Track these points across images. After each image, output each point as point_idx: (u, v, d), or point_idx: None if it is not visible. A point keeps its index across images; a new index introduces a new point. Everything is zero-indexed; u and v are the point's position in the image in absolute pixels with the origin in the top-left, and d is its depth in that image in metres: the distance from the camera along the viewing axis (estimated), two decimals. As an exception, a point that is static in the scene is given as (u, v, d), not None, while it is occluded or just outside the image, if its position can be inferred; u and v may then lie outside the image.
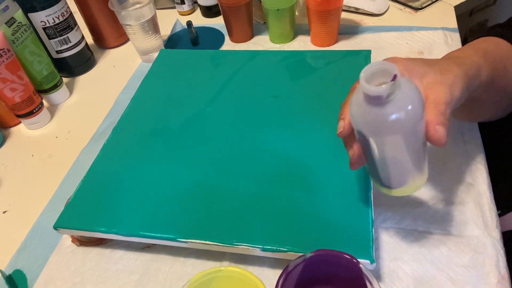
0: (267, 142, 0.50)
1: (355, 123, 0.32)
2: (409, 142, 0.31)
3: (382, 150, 0.32)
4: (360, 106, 0.30)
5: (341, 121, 0.35)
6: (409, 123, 0.30)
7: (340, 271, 0.34)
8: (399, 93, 0.29)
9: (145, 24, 0.69)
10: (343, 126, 0.34)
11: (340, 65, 0.59)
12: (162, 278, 0.43)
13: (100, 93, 0.71)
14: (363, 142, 0.33)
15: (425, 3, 0.75)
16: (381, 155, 0.33)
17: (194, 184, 0.47)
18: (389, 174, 0.34)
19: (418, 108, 0.29)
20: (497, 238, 0.41)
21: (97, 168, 0.51)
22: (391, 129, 0.30)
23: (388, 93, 0.28)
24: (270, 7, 0.67)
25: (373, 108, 0.29)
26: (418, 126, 0.30)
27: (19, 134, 0.66)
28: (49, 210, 0.53)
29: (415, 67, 0.35)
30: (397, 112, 0.29)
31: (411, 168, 0.34)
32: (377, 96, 0.28)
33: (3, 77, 0.59)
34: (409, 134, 0.31)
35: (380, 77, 0.30)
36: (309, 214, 0.42)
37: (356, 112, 0.31)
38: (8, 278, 0.46)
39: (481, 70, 0.38)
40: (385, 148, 0.32)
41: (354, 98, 0.32)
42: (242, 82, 0.59)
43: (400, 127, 0.30)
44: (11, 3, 0.61)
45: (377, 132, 0.31)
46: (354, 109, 0.31)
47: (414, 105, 0.29)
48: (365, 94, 0.29)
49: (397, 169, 0.34)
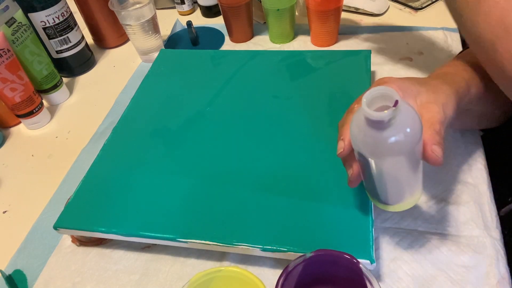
0: (267, 142, 0.50)
1: (355, 145, 0.33)
2: (408, 162, 0.32)
3: (381, 170, 0.33)
4: (361, 128, 0.31)
5: (340, 141, 0.35)
6: (409, 145, 0.31)
7: (340, 271, 0.34)
8: (399, 117, 0.29)
9: (145, 24, 0.69)
10: (343, 147, 0.35)
11: (340, 65, 0.59)
12: (162, 278, 0.43)
13: (100, 93, 0.71)
14: (363, 162, 0.34)
15: (425, 3, 0.75)
16: (380, 175, 0.34)
17: (194, 184, 0.47)
18: (387, 192, 0.35)
19: (417, 130, 0.31)
20: (497, 238, 0.41)
21: (97, 168, 0.51)
22: (391, 151, 0.31)
23: (390, 118, 0.29)
24: (270, 7, 0.67)
25: (374, 131, 0.30)
26: (417, 147, 0.31)
27: (19, 134, 0.66)
28: (49, 210, 0.53)
29: (409, 86, 0.36)
30: (398, 135, 0.30)
31: (409, 186, 0.35)
32: (379, 121, 0.29)
33: (3, 77, 0.59)
34: (408, 156, 0.32)
35: (380, 101, 0.30)
36: (309, 214, 0.42)
37: (357, 134, 0.32)
38: (8, 278, 0.46)
39: (471, 87, 0.39)
40: (385, 168, 0.33)
41: (354, 121, 0.32)
42: (242, 82, 0.59)
43: (400, 149, 0.31)
44: (11, 3, 0.61)
45: (378, 154, 0.32)
46: (354, 131, 0.32)
47: (414, 127, 0.30)
48: (367, 118, 0.30)
49: (395, 187, 0.35)
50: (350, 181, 0.37)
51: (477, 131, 0.51)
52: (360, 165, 0.35)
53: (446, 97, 0.36)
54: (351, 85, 0.55)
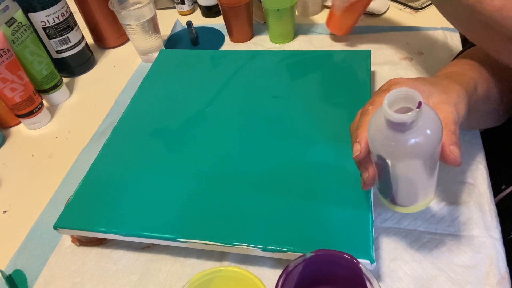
0: (267, 142, 0.50)
1: (374, 147, 0.32)
2: (427, 164, 0.32)
3: (399, 172, 0.33)
4: (380, 131, 0.31)
5: (356, 144, 0.35)
6: (430, 148, 0.30)
7: (340, 271, 0.34)
8: (421, 119, 0.29)
9: (145, 24, 0.69)
10: (360, 149, 0.34)
11: (340, 65, 0.59)
12: (162, 278, 0.43)
13: (100, 93, 0.71)
14: (381, 164, 0.33)
15: (425, 3, 0.74)
16: (397, 177, 0.33)
17: (194, 184, 0.47)
18: (401, 194, 0.35)
19: (438, 132, 0.30)
20: (497, 238, 0.41)
21: (97, 168, 0.51)
22: (412, 154, 0.30)
23: (413, 120, 0.28)
24: (270, 7, 0.67)
25: (395, 134, 0.30)
26: (437, 149, 0.31)
27: (19, 134, 0.66)
28: (49, 210, 0.53)
29: (420, 87, 0.35)
30: (419, 137, 0.29)
31: (424, 188, 0.35)
32: (402, 123, 0.29)
33: (3, 77, 0.59)
34: (428, 158, 0.31)
35: (401, 102, 0.30)
36: (309, 214, 0.42)
37: (376, 136, 0.31)
38: (8, 278, 0.46)
39: (477, 86, 0.39)
40: (403, 171, 0.33)
41: (373, 122, 0.32)
42: (242, 82, 0.59)
43: (421, 152, 0.30)
44: (11, 3, 0.61)
45: (398, 157, 0.31)
46: (373, 133, 0.32)
47: (435, 129, 0.30)
48: (388, 120, 0.29)
49: (411, 189, 0.35)
50: (365, 184, 0.36)
51: (477, 131, 0.51)
52: (377, 167, 0.35)
53: (458, 97, 0.36)
54: (351, 85, 0.55)
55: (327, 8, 0.79)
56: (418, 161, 0.31)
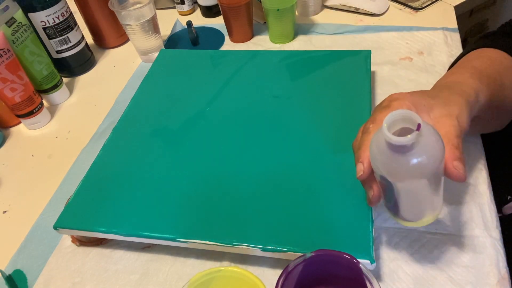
0: (267, 142, 0.50)
1: (376, 167, 0.32)
2: (431, 182, 0.32)
3: (403, 191, 0.33)
4: (381, 152, 0.31)
5: (359, 164, 0.34)
6: (432, 167, 0.30)
7: (340, 271, 0.34)
8: (421, 139, 0.29)
9: (145, 24, 0.69)
10: (363, 169, 0.34)
11: (340, 65, 0.59)
12: (162, 278, 0.43)
13: (100, 93, 0.71)
14: (384, 184, 0.33)
15: (425, 3, 0.75)
16: (402, 195, 0.33)
17: (194, 184, 0.47)
18: (407, 210, 0.35)
19: (440, 151, 0.30)
20: (497, 238, 0.41)
21: (97, 168, 0.51)
22: (415, 174, 0.30)
23: (413, 142, 0.28)
24: (270, 7, 0.67)
25: (396, 155, 0.30)
26: (439, 166, 0.31)
27: (19, 134, 0.66)
28: (49, 210, 0.53)
29: (421, 100, 0.35)
30: (421, 157, 0.29)
31: (431, 203, 0.34)
32: (402, 145, 0.29)
33: (3, 77, 0.59)
34: (431, 176, 0.31)
35: (400, 123, 0.30)
36: (309, 214, 0.42)
37: (378, 157, 0.31)
38: (8, 278, 0.46)
39: (479, 95, 0.39)
40: (407, 190, 0.32)
41: (374, 143, 0.32)
42: (242, 82, 0.59)
43: (424, 171, 0.30)
44: (11, 3, 0.61)
45: (401, 177, 0.31)
46: (374, 154, 0.32)
47: (436, 148, 0.30)
48: (388, 143, 0.29)
49: (417, 206, 0.34)
50: (370, 202, 0.36)
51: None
52: (381, 186, 0.35)
53: (459, 108, 0.35)
54: (351, 85, 0.55)
55: (327, 8, 0.79)
56: (422, 180, 0.31)
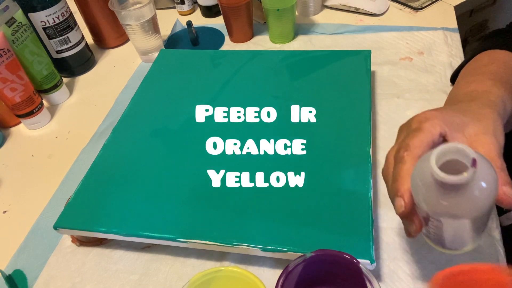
0: (267, 142, 0.50)
1: (421, 204, 0.29)
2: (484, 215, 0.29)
3: (452, 227, 0.29)
4: (428, 189, 0.27)
5: (399, 199, 0.31)
6: (489, 202, 0.27)
7: (340, 271, 0.34)
8: (476, 175, 0.26)
9: (145, 24, 0.69)
10: (403, 205, 0.30)
11: (340, 65, 0.59)
12: (162, 278, 0.43)
13: (100, 93, 0.71)
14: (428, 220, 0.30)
15: (425, 3, 0.75)
16: (448, 230, 0.30)
17: (194, 184, 0.47)
18: (452, 241, 0.31)
19: (494, 183, 0.27)
20: (497, 238, 0.41)
21: (97, 168, 0.51)
22: (468, 213, 0.27)
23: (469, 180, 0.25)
24: (270, 7, 0.67)
25: (447, 193, 0.27)
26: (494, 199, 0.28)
27: (19, 134, 0.66)
28: (49, 210, 0.53)
29: (452, 118, 0.33)
30: (476, 194, 0.26)
31: (478, 233, 0.31)
32: (456, 184, 0.25)
33: (3, 77, 0.59)
34: (486, 213, 0.28)
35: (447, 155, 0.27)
36: (309, 214, 0.42)
37: (424, 195, 0.28)
38: (8, 278, 0.46)
39: (506, 103, 0.37)
40: (457, 226, 0.29)
41: (418, 178, 0.28)
42: (242, 82, 0.59)
43: (478, 208, 0.27)
44: (11, 3, 0.61)
45: (452, 216, 0.28)
46: (419, 190, 0.28)
47: (491, 181, 0.27)
48: (439, 181, 0.26)
49: (461, 237, 0.31)
50: (410, 235, 0.33)
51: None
52: (423, 219, 0.31)
53: (493, 123, 0.32)
54: (351, 85, 0.55)
55: (327, 8, 0.79)
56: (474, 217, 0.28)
